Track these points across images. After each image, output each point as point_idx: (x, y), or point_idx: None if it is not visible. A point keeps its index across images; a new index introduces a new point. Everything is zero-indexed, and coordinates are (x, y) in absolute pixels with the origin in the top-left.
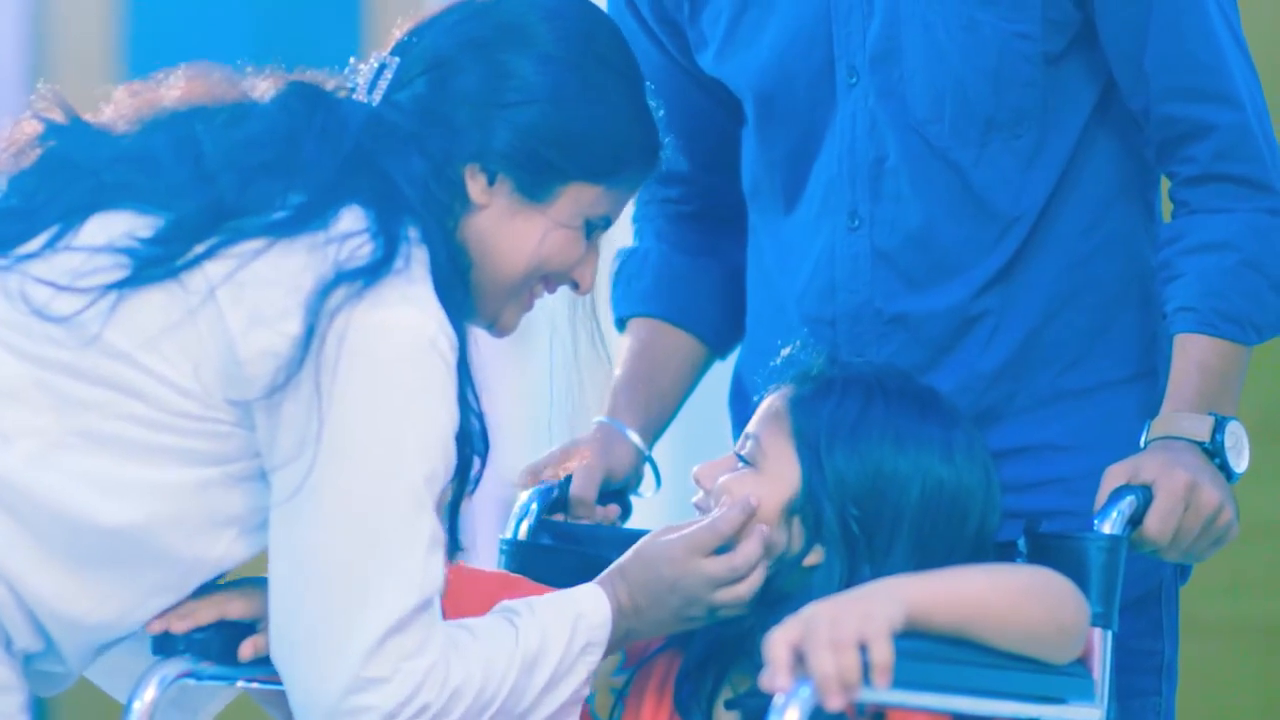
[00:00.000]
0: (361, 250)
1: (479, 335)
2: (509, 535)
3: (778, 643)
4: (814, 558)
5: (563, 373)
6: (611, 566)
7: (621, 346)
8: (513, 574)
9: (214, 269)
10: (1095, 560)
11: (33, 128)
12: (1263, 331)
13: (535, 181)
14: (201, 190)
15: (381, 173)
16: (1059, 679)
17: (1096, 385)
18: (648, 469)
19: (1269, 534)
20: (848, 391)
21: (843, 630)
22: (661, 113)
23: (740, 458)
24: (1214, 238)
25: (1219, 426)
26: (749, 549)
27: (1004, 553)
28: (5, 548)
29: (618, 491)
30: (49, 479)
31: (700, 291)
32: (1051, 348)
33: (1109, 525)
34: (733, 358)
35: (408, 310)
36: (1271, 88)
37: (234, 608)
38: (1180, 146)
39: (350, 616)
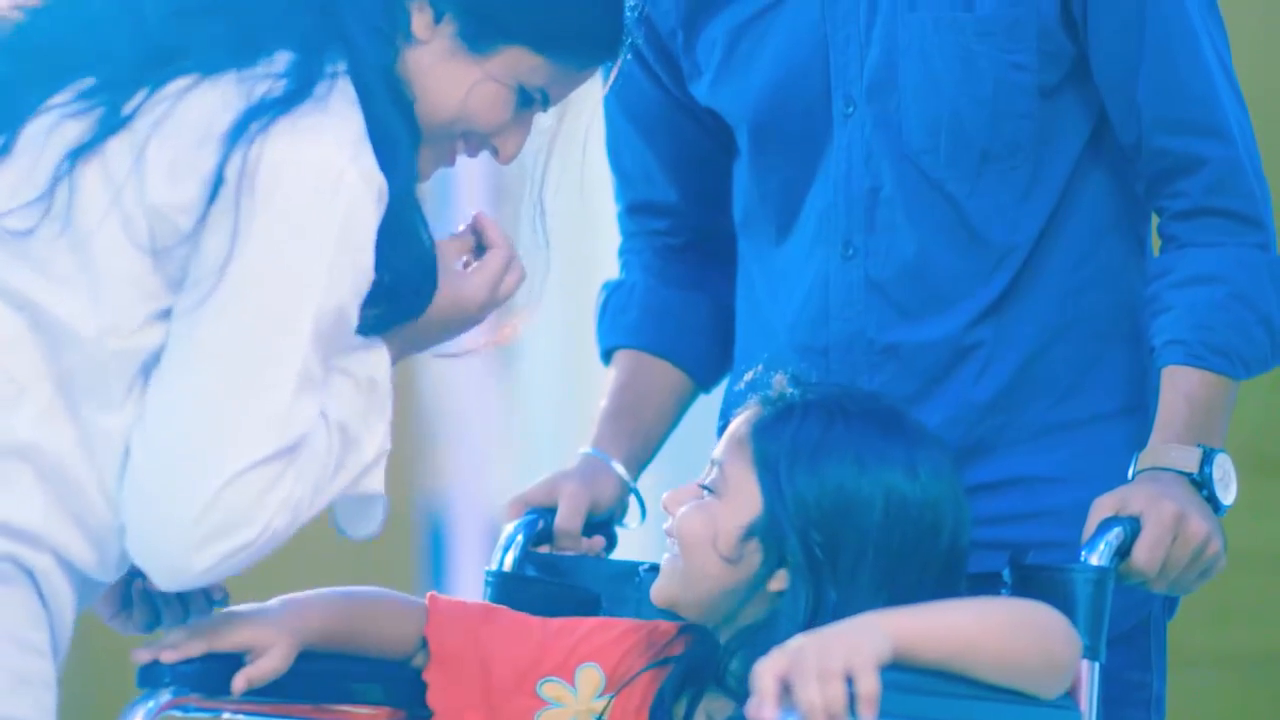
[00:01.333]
0: (280, 84)
1: (462, 362)
2: (494, 567)
3: (765, 673)
4: (778, 583)
5: (550, 398)
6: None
7: (607, 378)
8: (495, 605)
9: (149, 111)
10: (1083, 592)
11: None
12: (1250, 366)
13: (479, 31)
14: (140, 36)
15: (327, 4)
16: (1046, 711)
17: (1088, 418)
18: (633, 500)
19: (1254, 565)
20: (809, 414)
21: (830, 662)
22: (636, 13)
23: (705, 487)
24: (1204, 271)
25: (1207, 459)
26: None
27: (989, 584)
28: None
29: (602, 523)
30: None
31: (686, 324)
32: (1044, 380)
33: (1096, 557)
34: (720, 388)
35: (317, 143)
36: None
37: (222, 641)
38: (1171, 180)
39: (210, 450)
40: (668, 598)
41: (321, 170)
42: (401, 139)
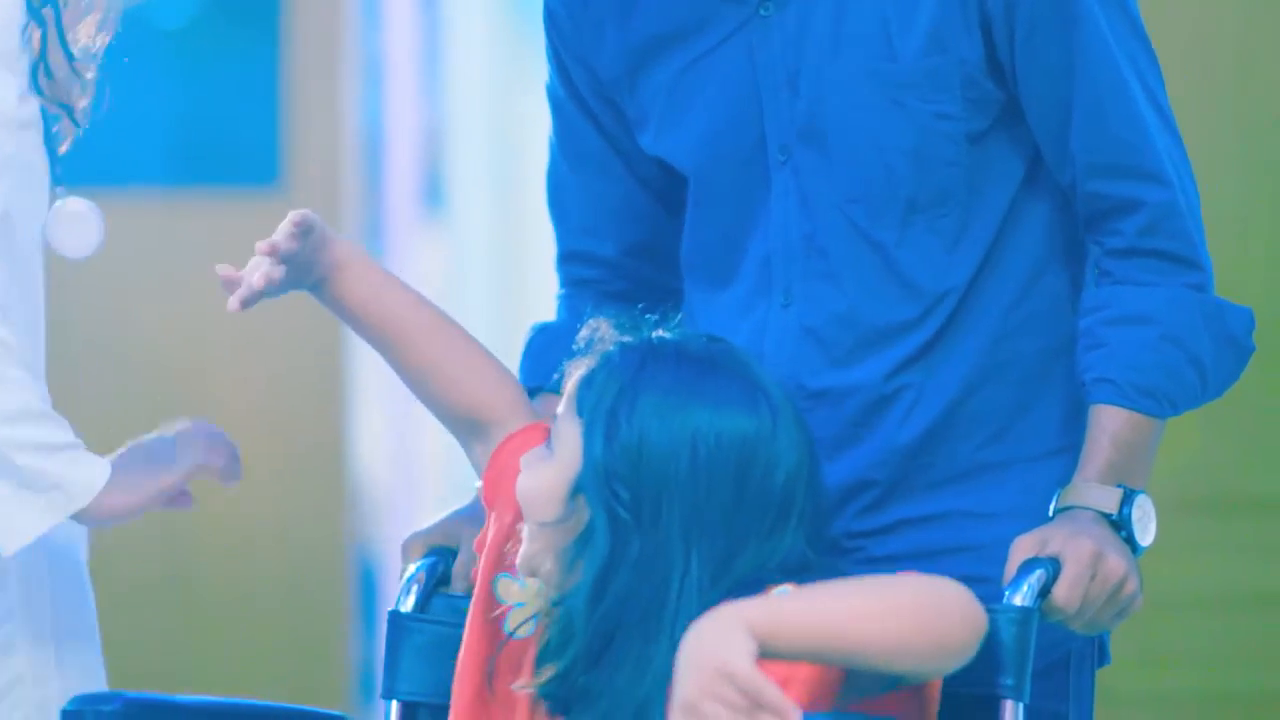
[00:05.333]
0: None
1: (397, 401)
2: (396, 608)
3: None
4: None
5: None
6: None
7: None
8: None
9: None
10: (1006, 632)
11: None
12: (1178, 406)
13: None
14: None
15: None
16: None
17: (1017, 458)
18: None
19: (1186, 607)
20: (621, 362)
21: (715, 686)
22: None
23: (547, 445)
24: (1137, 311)
25: (1127, 499)
26: None
27: None
28: None
29: None
30: None
31: None
32: (971, 422)
33: (1020, 597)
34: None
35: None
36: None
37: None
38: (1107, 220)
39: None
40: (524, 563)
41: None
42: None
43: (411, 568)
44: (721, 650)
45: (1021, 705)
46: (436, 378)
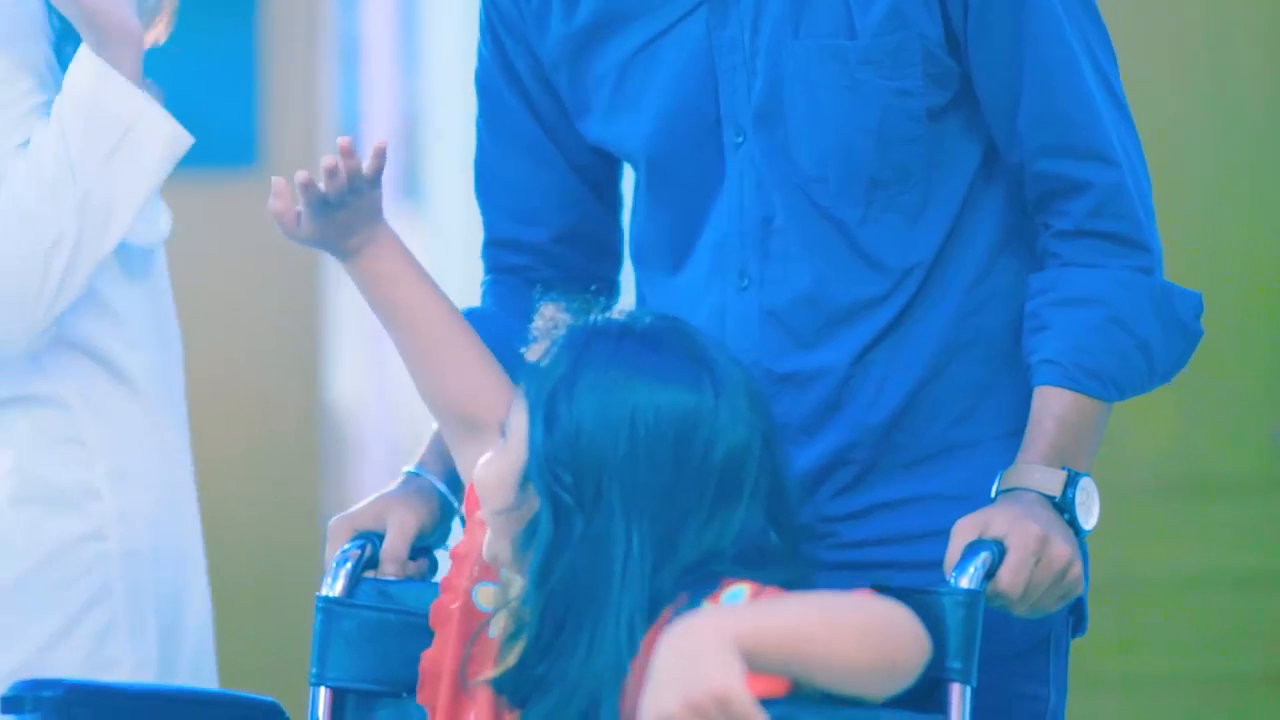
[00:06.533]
0: None
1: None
2: (324, 592)
3: None
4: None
5: None
6: None
7: None
8: None
9: None
10: (953, 615)
11: None
12: (1124, 390)
13: None
14: None
15: None
16: None
17: (988, 437)
18: (457, 524)
19: (1160, 590)
20: (567, 345)
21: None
22: None
23: (502, 435)
24: (1084, 293)
25: (1071, 482)
26: None
27: None
28: None
29: (424, 546)
30: None
31: None
32: (941, 401)
33: (966, 580)
34: None
35: None
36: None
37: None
38: (1055, 201)
39: None
40: (489, 554)
41: None
42: None
43: (338, 552)
44: (717, 673)
45: (969, 689)
46: (445, 370)
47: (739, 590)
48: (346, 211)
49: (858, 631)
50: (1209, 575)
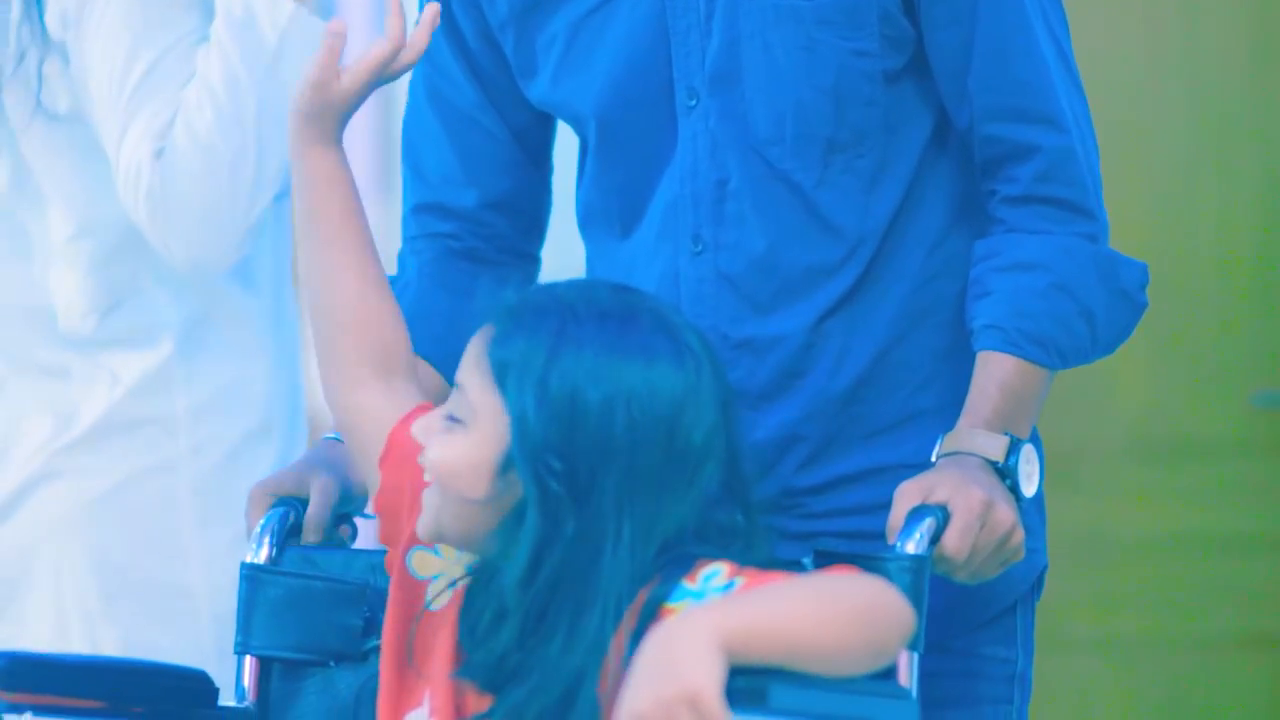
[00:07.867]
0: None
1: None
2: (250, 559)
3: None
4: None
5: None
6: None
7: None
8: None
9: None
10: (899, 581)
11: None
12: (1067, 357)
13: None
14: None
15: None
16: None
17: (949, 403)
18: None
19: (1137, 552)
20: (539, 325)
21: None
22: None
23: (451, 417)
24: (1028, 258)
25: (1014, 448)
26: None
27: (790, 571)
28: None
29: (344, 513)
30: None
31: (454, 329)
32: (902, 368)
33: (913, 545)
34: None
35: None
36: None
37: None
38: (1002, 166)
39: None
40: (432, 532)
41: None
42: None
43: (261, 520)
44: (691, 672)
45: (916, 655)
46: (361, 302)
47: (716, 570)
48: (360, 97)
49: (847, 617)
50: (1185, 538)
